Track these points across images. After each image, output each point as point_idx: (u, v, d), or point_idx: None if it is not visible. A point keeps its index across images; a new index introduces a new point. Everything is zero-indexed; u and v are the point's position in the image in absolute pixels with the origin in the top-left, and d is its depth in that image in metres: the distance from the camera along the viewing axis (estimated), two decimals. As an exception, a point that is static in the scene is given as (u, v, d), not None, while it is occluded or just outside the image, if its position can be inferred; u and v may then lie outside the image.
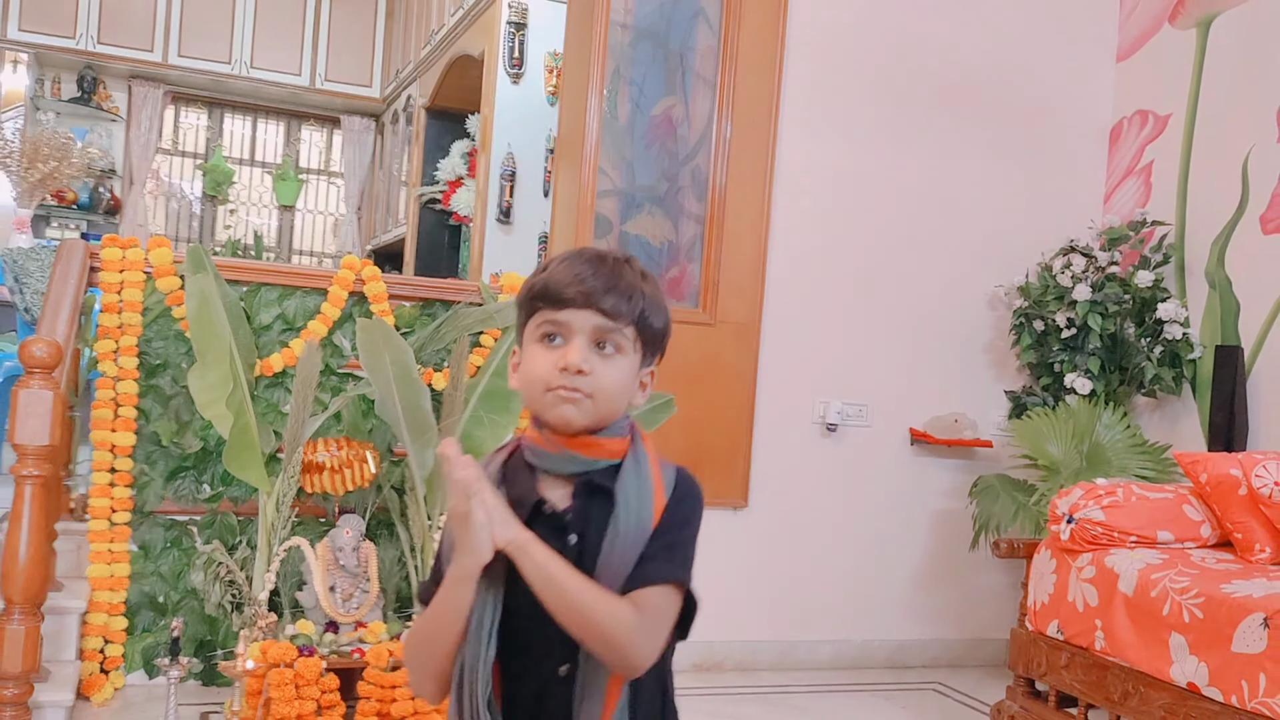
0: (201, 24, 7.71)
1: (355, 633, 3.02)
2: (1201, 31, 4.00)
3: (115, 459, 3.16)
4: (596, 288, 1.18)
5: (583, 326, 1.18)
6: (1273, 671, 2.22)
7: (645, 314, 1.22)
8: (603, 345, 1.19)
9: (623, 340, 1.20)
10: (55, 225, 7.56)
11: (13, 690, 2.46)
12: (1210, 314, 3.86)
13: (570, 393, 1.17)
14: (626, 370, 1.22)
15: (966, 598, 4.15)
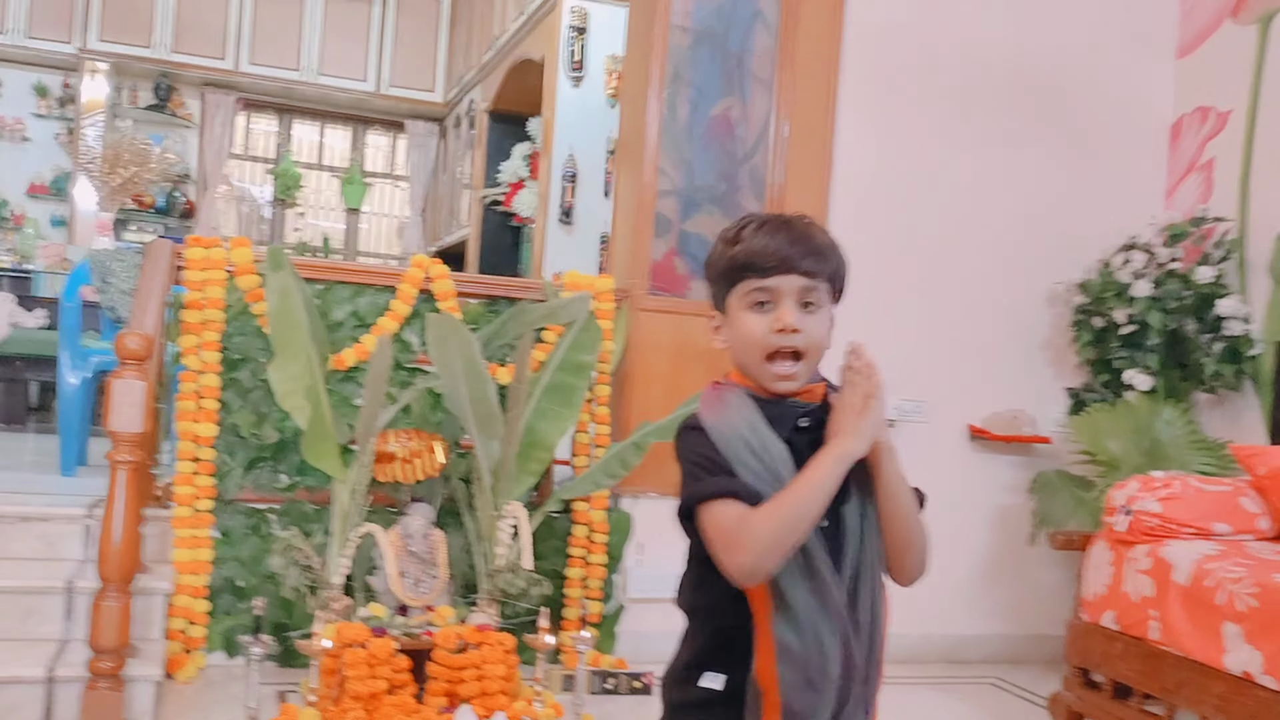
0: (271, 33, 7.86)
1: (425, 616, 3.08)
2: (1263, 27, 3.96)
3: (198, 449, 3.26)
4: (797, 253, 1.29)
5: (789, 289, 1.29)
6: (1325, 658, 2.23)
7: (836, 268, 1.34)
8: (807, 304, 1.30)
9: (822, 295, 1.32)
10: (134, 228, 7.77)
11: (108, 663, 2.57)
12: (1273, 310, 3.82)
13: (788, 363, 1.30)
14: (827, 321, 1.34)
15: (1025, 593, 4.13)
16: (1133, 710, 2.75)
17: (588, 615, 3.54)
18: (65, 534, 3.18)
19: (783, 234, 1.31)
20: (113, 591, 2.59)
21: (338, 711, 2.81)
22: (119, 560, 2.59)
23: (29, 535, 3.16)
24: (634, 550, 3.71)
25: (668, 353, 3.74)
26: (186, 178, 8.13)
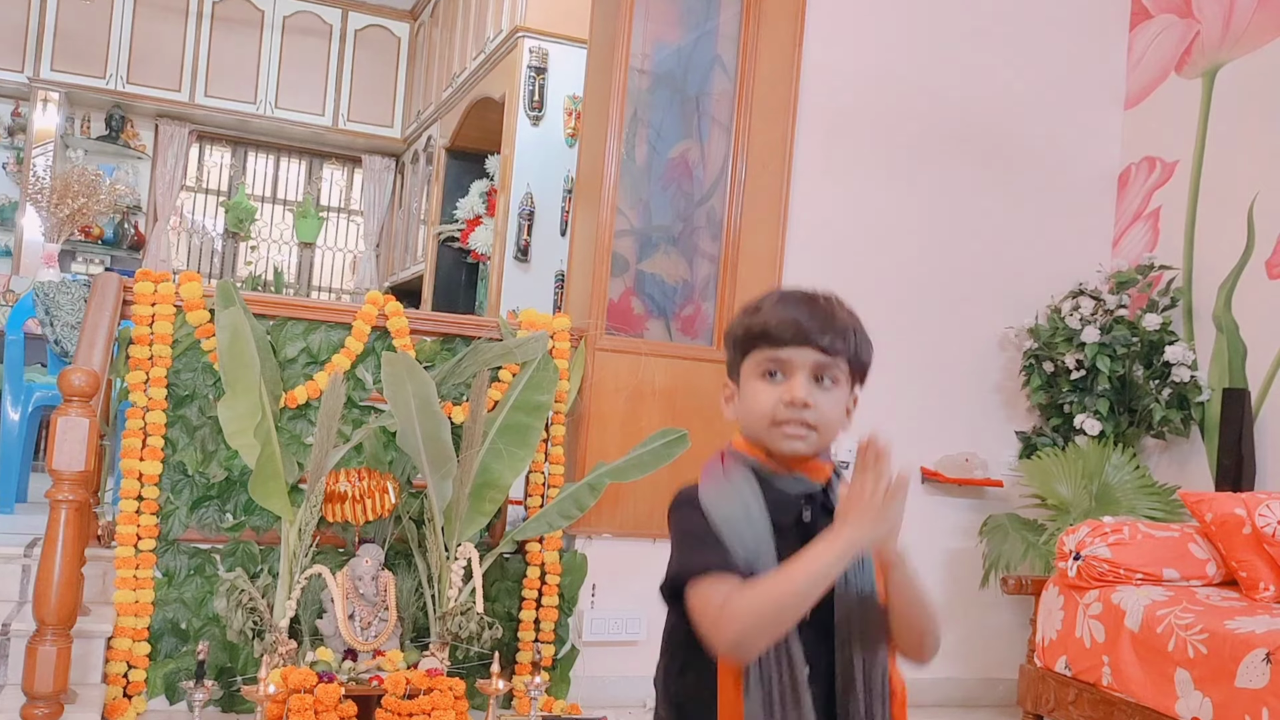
0: (227, 66, 7.82)
1: (374, 660, 3.04)
2: (1207, 81, 4.06)
3: (142, 487, 3.19)
4: (814, 327, 1.28)
5: (803, 363, 1.28)
6: (1275, 707, 2.23)
7: (857, 349, 1.32)
8: (821, 379, 1.29)
9: (839, 374, 1.30)
10: (81, 260, 7.66)
11: (43, 710, 2.49)
12: (1218, 357, 3.89)
13: (798, 427, 1.27)
14: (843, 401, 1.33)
15: (977, 637, 4.14)
16: (1085, 756, 2.76)
17: (541, 659, 3.49)
18: (1, 574, 3.10)
19: (804, 307, 1.31)
20: (50, 635, 2.52)
21: (282, 759, 2.75)
22: (58, 602, 2.52)
23: (-37, 576, 3.08)
24: (588, 592, 3.68)
25: (624, 393, 3.73)
26: (137, 209, 8.03)
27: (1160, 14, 4.30)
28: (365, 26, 8.13)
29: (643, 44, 3.83)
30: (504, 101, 5.68)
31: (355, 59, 8.11)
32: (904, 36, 4.16)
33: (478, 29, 6.25)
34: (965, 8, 4.23)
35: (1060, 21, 4.36)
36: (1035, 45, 4.32)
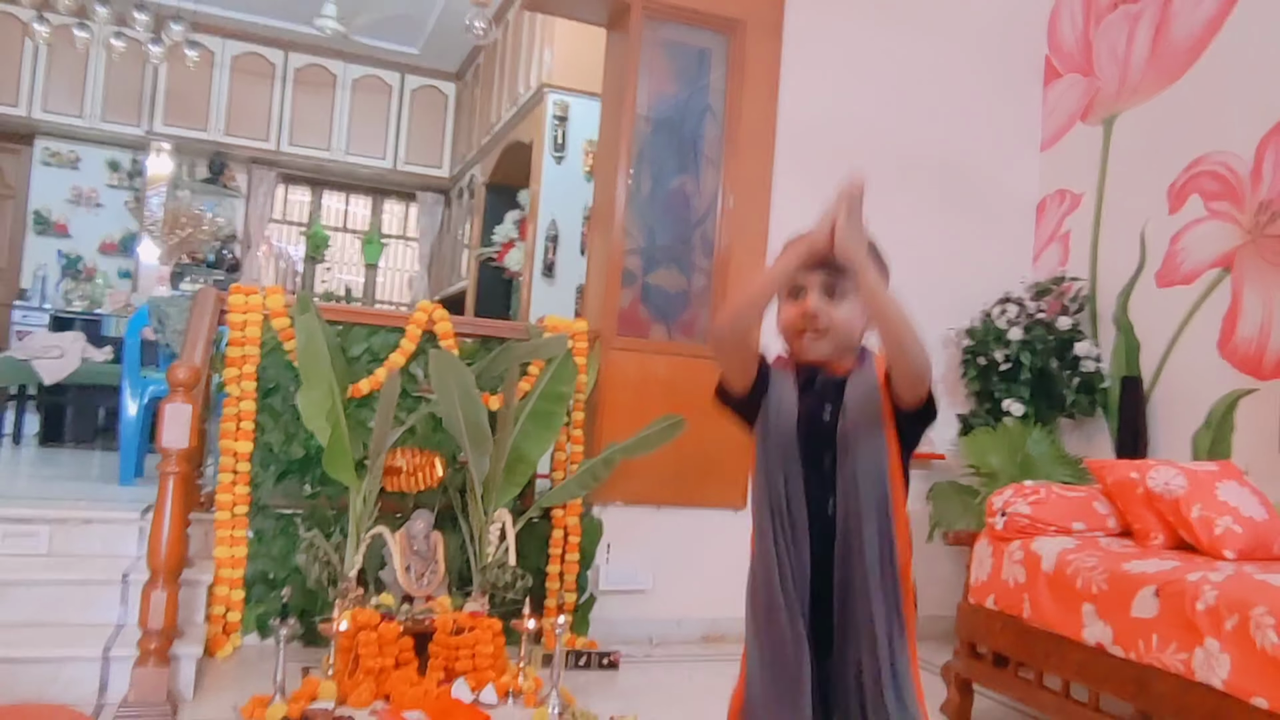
0: (307, 119, 7.87)
1: (426, 604, 3.06)
2: (1107, 128, 4.07)
3: (237, 463, 3.23)
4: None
5: (815, 281, 1.35)
6: (1163, 632, 2.24)
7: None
8: (832, 293, 1.35)
9: (848, 286, 1.35)
10: (188, 279, 7.71)
11: (156, 643, 2.52)
12: (1117, 352, 3.90)
13: (812, 334, 1.35)
14: (852, 309, 1.36)
15: (924, 582, 4.03)
16: (1009, 675, 2.77)
17: (564, 604, 3.52)
18: (122, 534, 3.13)
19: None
20: (161, 582, 2.54)
21: (352, 684, 2.77)
22: (167, 555, 2.55)
23: (91, 536, 3.10)
24: (603, 551, 3.69)
25: (633, 384, 3.74)
26: (233, 238, 8.09)
27: (1068, 73, 4.31)
28: (419, 87, 8.16)
29: (646, 96, 3.85)
30: (532, 145, 5.70)
31: (411, 113, 8.15)
32: (861, 88, 4.16)
33: (511, 86, 6.27)
34: (910, 64, 4.23)
35: (988, 78, 4.37)
36: (969, 96, 4.32)
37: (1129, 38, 3.99)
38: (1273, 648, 2.01)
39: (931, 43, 4.26)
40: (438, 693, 2.80)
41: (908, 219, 4.19)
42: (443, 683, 2.87)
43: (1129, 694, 2.33)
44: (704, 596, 3.79)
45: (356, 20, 7.11)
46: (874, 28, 4.18)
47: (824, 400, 1.38)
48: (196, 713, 2.59)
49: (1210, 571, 2.26)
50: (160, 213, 7.57)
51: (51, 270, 7.57)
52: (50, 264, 7.59)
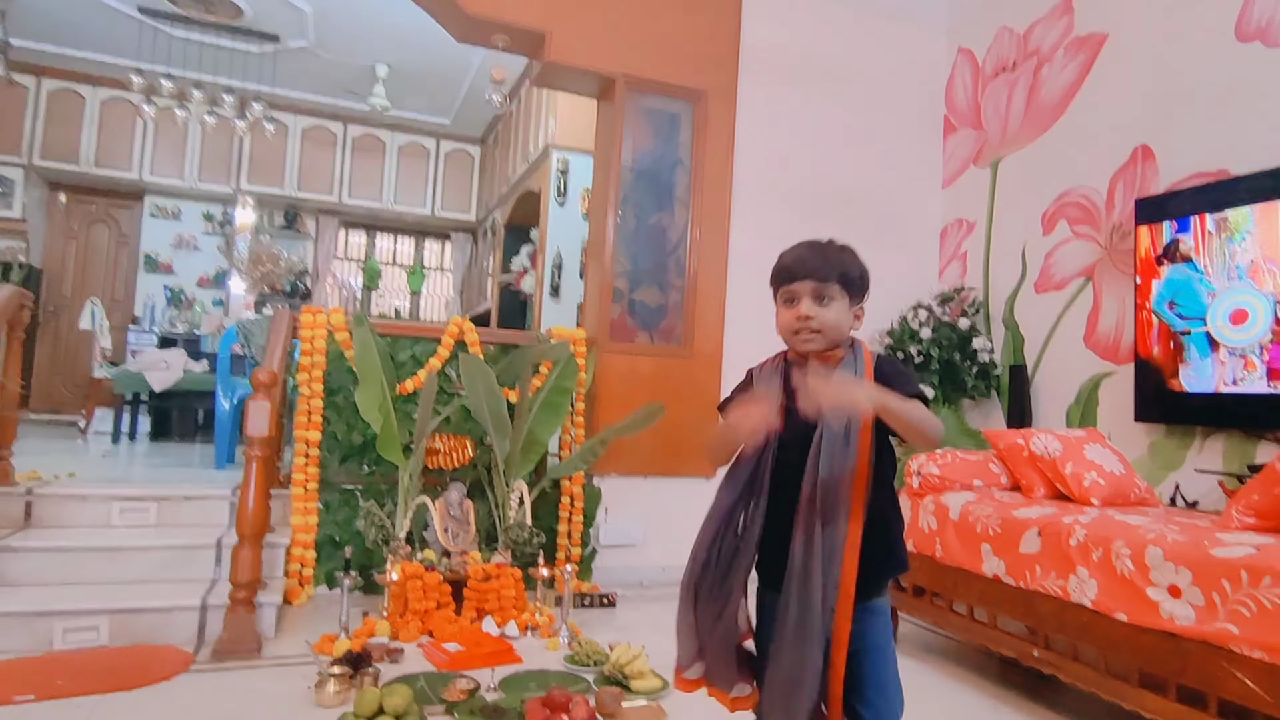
0: (362, 177, 7.83)
1: (461, 558, 3.05)
2: (994, 169, 4.08)
3: (308, 449, 3.22)
4: (810, 266, 1.30)
5: (804, 291, 1.29)
6: (1044, 564, 2.24)
7: (844, 273, 1.30)
8: (820, 298, 1.29)
9: (833, 292, 1.29)
10: (268, 307, 7.66)
11: (243, 594, 2.51)
12: (1006, 346, 3.90)
13: (807, 334, 1.29)
14: (839, 310, 1.30)
15: (857, 533, 4.14)
16: (926, 604, 2.76)
17: (571, 556, 3.50)
18: (216, 508, 3.12)
19: (803, 251, 1.31)
20: (247, 544, 2.53)
21: (402, 623, 2.76)
22: (251, 523, 2.53)
23: (192, 510, 3.09)
24: (602, 513, 3.68)
25: (622, 380, 3.73)
26: (305, 273, 8.04)
27: (962, 127, 4.32)
28: (451, 150, 8.13)
29: (630, 152, 3.84)
30: (541, 193, 5.69)
31: (445, 170, 8.11)
32: (799, 143, 4.16)
33: (523, 147, 6.26)
34: (838, 123, 4.24)
35: (900, 132, 4.38)
36: (885, 147, 4.33)
37: (1008, 98, 4.01)
38: (1129, 573, 2.01)
39: (855, 106, 4.27)
40: (471, 628, 2.79)
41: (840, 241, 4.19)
42: (475, 620, 2.87)
43: (1019, 614, 2.33)
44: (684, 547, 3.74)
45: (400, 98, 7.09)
46: (809, 95, 4.18)
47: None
48: (277, 649, 2.56)
49: (1081, 515, 2.26)
50: (246, 254, 7.53)
51: (159, 300, 7.52)
52: (158, 295, 7.53)
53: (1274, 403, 2.63)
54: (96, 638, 2.46)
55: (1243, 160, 2.90)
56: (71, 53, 6.63)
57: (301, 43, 6.23)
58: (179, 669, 2.31)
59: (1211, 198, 2.88)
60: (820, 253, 1.31)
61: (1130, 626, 1.99)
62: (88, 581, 2.68)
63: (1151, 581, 1.95)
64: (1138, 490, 2.59)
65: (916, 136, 4.41)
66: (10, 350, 3.05)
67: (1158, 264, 3.03)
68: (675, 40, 3.89)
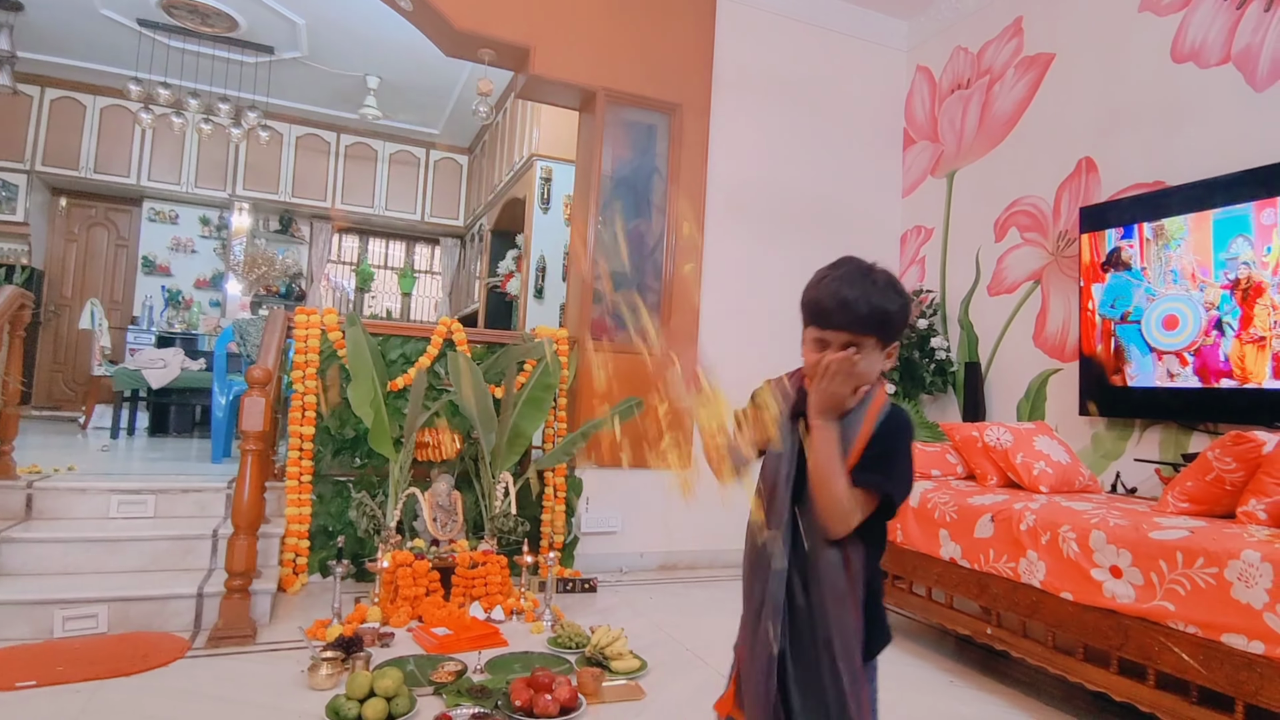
0: (355, 183, 7.73)
1: (449, 546, 3.03)
2: (949, 179, 4.11)
3: (302, 443, 3.17)
4: (845, 319, 1.09)
5: (837, 339, 1.10)
6: (997, 547, 2.26)
7: (882, 324, 1.10)
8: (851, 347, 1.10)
9: (865, 344, 1.10)
10: (265, 307, 7.55)
11: (239, 581, 2.46)
12: (962, 344, 3.94)
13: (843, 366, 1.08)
14: (869, 361, 1.11)
15: (823, 520, 4.15)
16: (888, 585, 2.78)
17: (554, 543, 3.48)
18: (213, 500, 3.06)
19: (845, 293, 1.10)
20: (242, 534, 2.48)
21: (393, 608, 2.72)
22: (246, 513, 2.48)
23: (188, 501, 3.02)
24: (583, 503, 3.67)
25: (602, 377, 3.71)
26: (300, 275, 7.92)
27: (920, 140, 4.35)
28: (441, 158, 8.06)
29: (610, 161, 3.82)
30: (525, 200, 5.65)
31: (434, 178, 8.03)
32: (768, 153, 4.17)
33: (509, 156, 6.21)
34: (804, 136, 4.25)
35: (862, 145, 4.40)
36: (848, 158, 4.35)
37: (963, 114, 4.04)
38: (1075, 555, 2.03)
39: (820, 120, 4.29)
40: (458, 613, 2.76)
41: (803, 249, 4.21)
42: (462, 605, 2.84)
43: (974, 595, 2.35)
44: (660, 535, 3.77)
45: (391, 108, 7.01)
46: (778, 109, 4.19)
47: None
48: (272, 634, 2.52)
49: (1030, 502, 2.28)
50: (242, 257, 7.40)
51: (156, 301, 7.36)
52: (156, 296, 7.38)
53: (1206, 397, 2.68)
54: (96, 625, 2.40)
55: (1177, 173, 2.95)
56: (73, 63, 6.47)
57: (295, 54, 6.14)
58: (176, 655, 2.26)
59: (1149, 207, 2.93)
60: (863, 298, 1.09)
61: (1076, 605, 2.02)
62: (87, 571, 2.62)
63: (1095, 563, 1.97)
64: (1082, 478, 2.63)
65: (878, 149, 4.43)
66: (12, 348, 2.97)
67: (1101, 269, 3.07)
68: (653, 56, 3.88)
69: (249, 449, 2.51)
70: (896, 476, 1.09)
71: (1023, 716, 2.14)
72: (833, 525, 1.06)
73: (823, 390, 1.08)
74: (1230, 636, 1.69)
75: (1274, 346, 2.52)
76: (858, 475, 1.07)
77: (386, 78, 6.47)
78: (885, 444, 1.09)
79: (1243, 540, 1.73)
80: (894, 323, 1.12)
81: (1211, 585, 1.73)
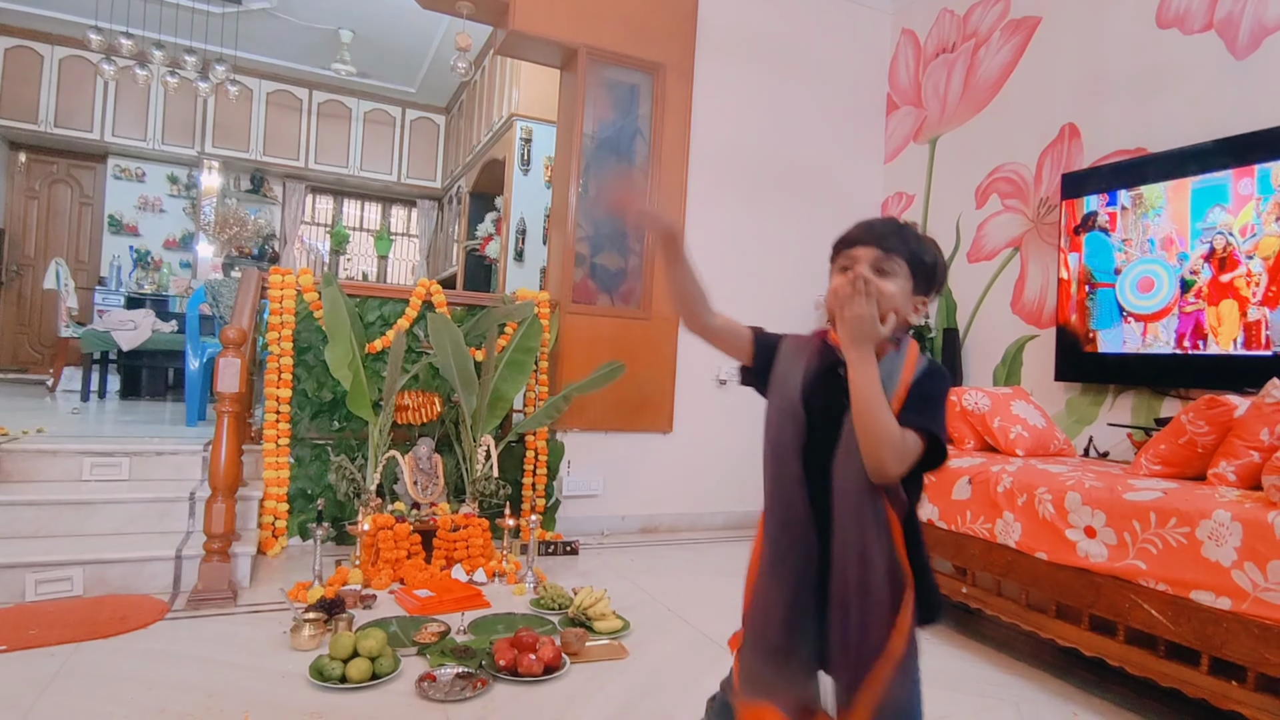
0: (329, 142, 7.52)
1: (430, 509, 3.01)
2: (932, 146, 4.09)
3: (279, 406, 3.11)
4: (876, 231, 1.05)
5: (865, 256, 1.04)
6: (974, 509, 2.29)
7: (915, 251, 1.04)
8: (881, 270, 1.03)
9: (896, 267, 1.03)
10: (237, 270, 7.37)
11: (218, 544, 2.43)
12: (941, 311, 3.95)
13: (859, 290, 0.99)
14: (899, 289, 1.03)
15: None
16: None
17: (536, 506, 3.48)
18: (189, 463, 3.00)
19: (877, 221, 1.07)
20: (221, 497, 2.44)
21: (374, 571, 2.70)
22: (224, 476, 2.43)
23: (165, 465, 2.96)
24: (565, 466, 3.66)
25: (584, 340, 3.68)
26: (273, 236, 7.73)
27: (904, 105, 4.31)
28: (417, 118, 7.85)
29: (591, 123, 3.74)
30: (505, 161, 5.54)
31: (411, 138, 7.84)
32: (751, 117, 4.10)
33: (488, 116, 6.06)
34: (788, 100, 4.19)
35: (845, 110, 4.35)
36: (831, 123, 4.30)
37: (947, 79, 4.00)
38: (1050, 516, 2.06)
39: (803, 84, 4.22)
40: (441, 575, 2.75)
41: (785, 214, 4.18)
42: (444, 568, 2.83)
43: (950, 555, 2.38)
44: (641, 499, 3.78)
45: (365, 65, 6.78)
46: (762, 72, 4.11)
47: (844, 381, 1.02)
48: (253, 597, 2.49)
49: (1007, 465, 2.31)
50: (213, 217, 7.18)
51: (124, 261, 7.14)
52: (124, 256, 7.15)
53: (1179, 363, 2.71)
54: (70, 588, 2.35)
55: (1160, 139, 2.95)
56: (26, 9, 6.14)
57: (264, 4, 5.88)
58: (156, 617, 2.22)
59: (1130, 174, 2.93)
60: (891, 225, 1.05)
61: (1049, 564, 2.05)
62: (60, 534, 2.56)
63: (1070, 524, 2.00)
64: (1057, 442, 2.66)
65: (861, 114, 4.38)
66: (-30, 307, 2.85)
67: (1077, 234, 3.08)
68: (636, 13, 3.77)
69: (225, 410, 2.45)
70: (940, 421, 1.01)
71: (994, 670, 2.19)
72: (888, 463, 0.95)
73: (850, 315, 0.99)
74: (1199, 593, 1.73)
75: (1247, 314, 2.55)
76: (904, 417, 0.98)
77: (361, 32, 6.24)
78: (926, 388, 1.01)
79: (1214, 501, 1.76)
80: (926, 264, 1.05)
81: (1183, 544, 1.77)
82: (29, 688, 1.78)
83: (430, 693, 1.83)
